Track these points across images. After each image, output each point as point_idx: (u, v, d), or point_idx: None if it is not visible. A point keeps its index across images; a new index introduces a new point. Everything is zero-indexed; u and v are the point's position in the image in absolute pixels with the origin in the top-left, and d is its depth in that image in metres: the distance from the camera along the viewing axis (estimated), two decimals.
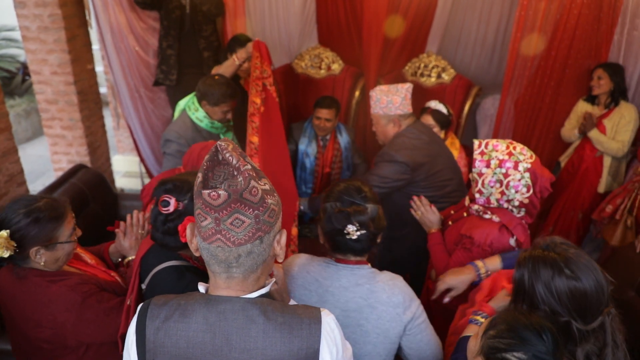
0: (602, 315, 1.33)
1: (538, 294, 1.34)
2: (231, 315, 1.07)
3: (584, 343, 1.32)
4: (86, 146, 4.05)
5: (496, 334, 1.19)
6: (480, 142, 2.02)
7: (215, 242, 1.05)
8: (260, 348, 1.06)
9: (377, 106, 2.72)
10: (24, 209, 1.66)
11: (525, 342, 1.15)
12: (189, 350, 1.07)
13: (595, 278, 1.32)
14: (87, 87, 4.01)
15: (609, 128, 3.56)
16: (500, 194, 1.96)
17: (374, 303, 1.53)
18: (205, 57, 3.90)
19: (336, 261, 1.59)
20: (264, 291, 1.14)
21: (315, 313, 1.12)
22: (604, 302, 1.34)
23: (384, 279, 1.57)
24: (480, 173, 1.99)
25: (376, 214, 1.56)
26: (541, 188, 1.93)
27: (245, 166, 1.03)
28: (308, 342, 1.07)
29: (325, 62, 4.33)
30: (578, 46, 3.60)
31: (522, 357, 1.13)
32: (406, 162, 2.60)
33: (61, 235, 1.72)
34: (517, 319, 1.20)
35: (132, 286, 1.71)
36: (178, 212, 1.62)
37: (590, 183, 3.67)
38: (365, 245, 1.55)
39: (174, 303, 1.10)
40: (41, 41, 3.71)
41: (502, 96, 3.83)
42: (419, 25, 4.13)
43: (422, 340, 1.59)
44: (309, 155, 3.71)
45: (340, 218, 1.51)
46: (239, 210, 1.02)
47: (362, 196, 1.55)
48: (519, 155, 1.94)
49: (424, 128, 2.80)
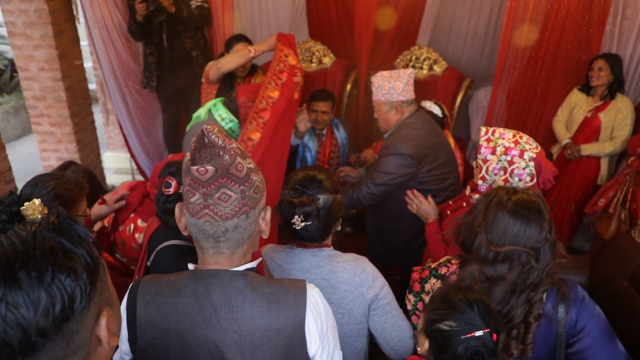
0: (513, 247, 1.41)
1: (478, 210, 1.50)
2: (219, 286, 1.10)
3: (485, 264, 1.45)
4: (75, 143, 4.02)
5: (433, 308, 1.30)
6: (487, 129, 2.02)
7: (204, 217, 1.08)
8: (248, 317, 1.09)
9: (379, 92, 2.66)
10: (53, 181, 1.79)
11: (456, 311, 1.23)
12: (179, 322, 1.10)
13: (527, 224, 1.43)
14: (76, 83, 3.96)
15: (604, 122, 3.52)
16: (504, 181, 1.96)
17: (335, 283, 1.55)
18: (194, 56, 3.92)
19: (297, 246, 1.61)
20: (250, 265, 1.17)
21: (301, 284, 1.16)
22: (524, 245, 1.43)
23: (346, 259, 1.59)
24: (485, 159, 1.99)
25: (330, 204, 1.55)
26: (544, 179, 1.93)
27: (231, 145, 1.07)
28: (294, 311, 1.11)
29: (316, 55, 4.30)
30: (569, 37, 3.59)
31: (452, 325, 1.22)
32: (412, 154, 2.56)
33: (80, 208, 1.87)
34: (451, 292, 1.30)
35: (141, 263, 1.84)
36: (178, 194, 1.74)
37: (583, 174, 3.66)
38: (315, 235, 1.56)
39: (164, 280, 1.15)
40: (27, 37, 3.66)
41: (493, 87, 3.82)
42: (409, 17, 4.11)
43: (387, 322, 1.60)
44: (311, 149, 3.68)
45: (287, 207, 1.53)
46: (226, 185, 1.06)
47: (316, 186, 1.55)
48: (525, 144, 1.94)
49: (426, 118, 2.77)
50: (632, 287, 2.62)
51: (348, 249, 1.69)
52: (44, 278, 0.65)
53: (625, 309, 2.56)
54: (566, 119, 3.76)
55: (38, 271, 0.65)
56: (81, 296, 0.69)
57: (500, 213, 1.43)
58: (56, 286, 0.66)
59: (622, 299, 2.61)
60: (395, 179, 2.61)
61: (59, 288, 0.66)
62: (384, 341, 1.64)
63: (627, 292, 2.61)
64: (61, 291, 0.66)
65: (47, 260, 0.66)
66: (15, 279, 0.64)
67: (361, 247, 3.29)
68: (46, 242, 0.68)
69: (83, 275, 0.69)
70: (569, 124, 3.74)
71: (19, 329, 0.63)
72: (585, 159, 3.62)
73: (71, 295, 0.67)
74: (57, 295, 0.66)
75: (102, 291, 0.77)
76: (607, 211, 3.34)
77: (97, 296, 0.73)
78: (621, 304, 2.60)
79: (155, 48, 3.83)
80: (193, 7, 3.74)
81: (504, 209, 1.44)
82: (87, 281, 0.70)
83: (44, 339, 0.66)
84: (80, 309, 0.69)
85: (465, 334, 1.21)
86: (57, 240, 0.69)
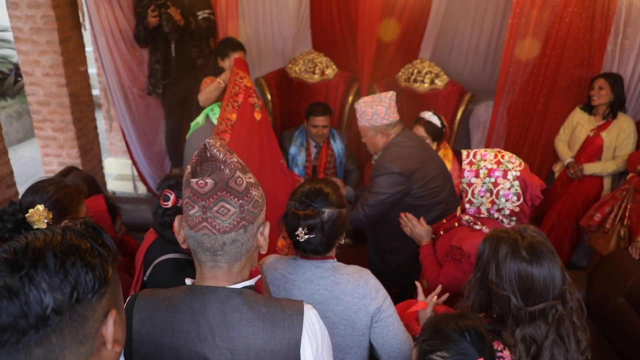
0: (546, 303, 1.36)
1: (491, 268, 1.43)
2: (216, 304, 1.10)
3: (524, 325, 1.38)
4: (77, 148, 4.03)
5: (425, 338, 1.28)
6: (468, 152, 2.02)
7: (202, 230, 1.08)
8: (243, 337, 1.08)
9: (363, 119, 2.71)
10: (53, 186, 1.80)
11: (448, 341, 1.21)
12: (174, 339, 1.10)
13: (550, 269, 1.37)
14: (80, 89, 3.98)
15: (607, 141, 3.52)
16: (491, 203, 1.95)
17: (339, 294, 1.55)
18: (199, 64, 3.96)
19: (301, 257, 1.62)
20: (248, 283, 1.16)
21: (298, 305, 1.15)
22: (552, 295, 1.38)
23: (349, 271, 1.59)
24: (469, 183, 1.99)
25: (335, 218, 1.56)
26: (532, 196, 1.91)
27: (231, 159, 1.07)
28: (290, 333, 1.10)
29: (319, 67, 4.34)
30: (569, 54, 3.62)
31: (445, 356, 1.20)
32: (401, 171, 2.60)
33: (81, 211, 1.87)
34: (442, 321, 1.27)
35: (137, 277, 1.80)
36: (176, 207, 1.72)
37: (585, 193, 3.65)
38: (318, 248, 1.57)
39: (160, 295, 1.15)
40: (33, 42, 3.69)
41: (495, 103, 3.85)
42: (412, 31, 4.15)
43: (388, 334, 1.60)
44: (298, 164, 3.69)
45: (292, 219, 1.54)
46: (225, 199, 1.06)
47: (322, 199, 1.55)
48: (508, 163, 1.93)
49: (412, 135, 2.81)
50: (628, 303, 2.63)
51: (348, 260, 1.70)
52: (66, 263, 0.74)
53: (622, 326, 2.57)
54: (568, 138, 3.76)
55: (62, 257, 0.74)
56: (96, 285, 0.76)
57: (519, 266, 1.38)
58: (75, 272, 0.74)
59: (618, 316, 2.62)
60: (388, 198, 2.64)
61: (77, 274, 0.74)
62: (384, 353, 1.64)
63: (624, 309, 2.62)
64: (79, 277, 0.75)
65: (71, 251, 0.75)
66: (41, 260, 0.73)
67: (361, 258, 3.30)
68: (73, 239, 0.78)
69: (100, 270, 0.78)
70: (571, 143, 3.74)
71: (37, 303, 0.71)
72: (587, 178, 3.62)
73: (87, 282, 0.75)
74: (75, 279, 0.74)
75: (114, 292, 0.83)
76: (603, 226, 3.34)
77: (109, 292, 0.81)
78: (618, 321, 2.61)
79: (162, 56, 3.86)
80: (200, 19, 3.78)
81: (522, 261, 1.38)
82: (103, 275, 0.78)
83: (57, 315, 0.72)
84: (93, 297, 0.77)
85: None
86: (82, 239, 0.79)
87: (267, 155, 2.85)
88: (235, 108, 2.71)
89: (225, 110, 2.69)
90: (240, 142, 2.67)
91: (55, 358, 0.74)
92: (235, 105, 2.72)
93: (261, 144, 2.81)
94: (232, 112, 2.69)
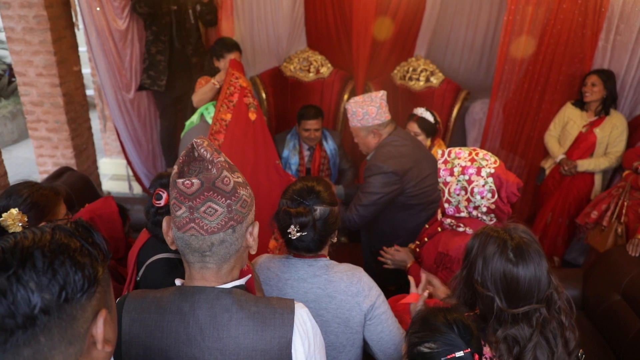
0: (530, 306, 1.36)
1: (477, 266, 1.42)
2: (205, 304, 1.09)
3: (506, 326, 1.38)
4: (72, 149, 4.01)
5: (414, 330, 1.29)
6: (443, 152, 2.01)
7: (190, 231, 1.07)
8: (233, 337, 1.07)
9: (354, 119, 2.70)
10: (27, 189, 1.77)
11: (436, 332, 1.23)
12: (163, 340, 1.08)
13: (536, 272, 1.36)
14: (73, 89, 3.96)
15: (600, 137, 3.53)
16: (467, 201, 1.93)
17: (332, 292, 1.55)
18: (193, 62, 3.93)
19: (294, 256, 1.62)
20: (238, 282, 1.15)
21: (289, 304, 1.14)
22: (536, 298, 1.38)
23: (342, 269, 1.59)
24: (445, 182, 1.97)
25: (327, 216, 1.56)
26: (507, 193, 1.89)
27: (219, 158, 1.06)
28: (281, 332, 1.09)
29: (314, 65, 4.32)
30: (564, 51, 3.63)
31: (432, 347, 1.22)
32: (395, 170, 2.59)
33: (59, 212, 1.83)
34: (431, 314, 1.29)
35: (130, 278, 1.79)
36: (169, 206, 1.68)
37: (577, 190, 3.66)
38: (310, 246, 1.56)
39: (150, 296, 1.13)
40: (26, 42, 3.67)
41: (491, 100, 3.85)
42: (407, 28, 4.14)
43: (383, 331, 1.61)
44: (291, 167, 3.67)
45: (284, 217, 1.53)
46: (212, 199, 1.04)
47: (314, 197, 1.55)
48: (482, 160, 1.91)
49: (405, 134, 2.80)
50: (624, 301, 2.63)
51: (343, 259, 1.70)
52: (54, 263, 0.72)
53: (618, 324, 2.57)
54: (559, 134, 3.75)
55: (51, 257, 0.73)
56: (85, 285, 0.75)
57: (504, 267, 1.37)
58: (64, 271, 0.73)
59: (614, 314, 2.62)
60: (382, 198, 2.63)
61: (66, 273, 0.73)
62: (380, 350, 1.64)
63: (619, 307, 2.62)
64: (68, 276, 0.73)
65: (60, 250, 0.74)
66: (29, 259, 0.72)
67: (356, 257, 3.29)
68: (62, 238, 0.76)
69: (90, 269, 0.77)
70: (561, 139, 3.74)
71: (25, 302, 0.70)
72: (580, 174, 3.62)
73: (77, 281, 0.74)
74: (63, 279, 0.73)
75: (105, 292, 0.82)
76: (599, 224, 3.34)
77: (99, 292, 0.79)
78: (614, 319, 2.61)
79: (164, 46, 3.78)
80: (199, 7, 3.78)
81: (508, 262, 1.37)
82: (92, 275, 0.77)
83: (45, 315, 0.71)
84: (83, 297, 0.75)
85: (445, 355, 1.20)
86: (72, 238, 0.78)
87: (262, 155, 2.84)
88: (230, 108, 2.71)
89: (219, 111, 2.69)
90: (234, 142, 2.66)
91: (44, 358, 0.73)
92: (230, 105, 2.71)
93: (256, 144, 2.80)
94: (226, 113, 2.68)
